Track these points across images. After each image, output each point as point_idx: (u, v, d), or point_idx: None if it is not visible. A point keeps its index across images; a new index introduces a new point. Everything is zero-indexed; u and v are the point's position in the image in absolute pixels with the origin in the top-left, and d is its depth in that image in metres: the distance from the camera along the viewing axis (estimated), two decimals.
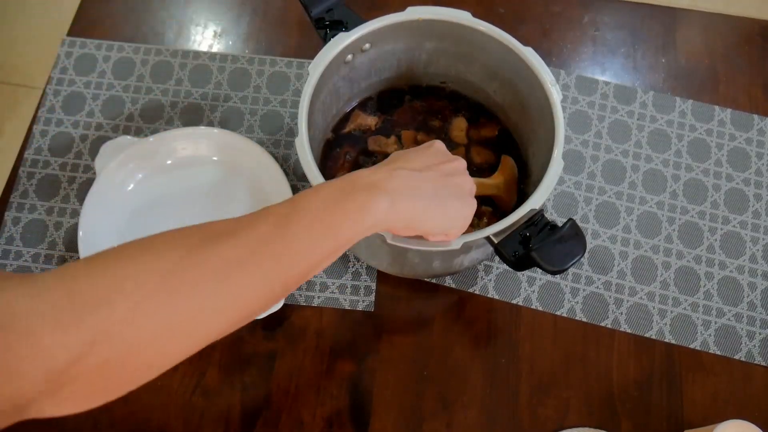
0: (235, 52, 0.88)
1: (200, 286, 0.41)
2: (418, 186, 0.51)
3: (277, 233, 0.44)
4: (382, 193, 0.48)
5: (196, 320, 0.42)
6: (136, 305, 0.38)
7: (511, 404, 0.71)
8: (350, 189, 0.48)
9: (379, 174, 0.50)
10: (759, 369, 0.73)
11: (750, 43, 0.91)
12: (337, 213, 0.46)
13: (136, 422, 0.68)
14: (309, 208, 0.46)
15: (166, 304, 0.40)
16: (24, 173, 0.79)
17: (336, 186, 0.48)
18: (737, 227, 0.80)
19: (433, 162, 0.54)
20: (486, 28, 0.67)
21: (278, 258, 0.44)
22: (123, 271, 0.39)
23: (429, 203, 0.51)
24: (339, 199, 0.47)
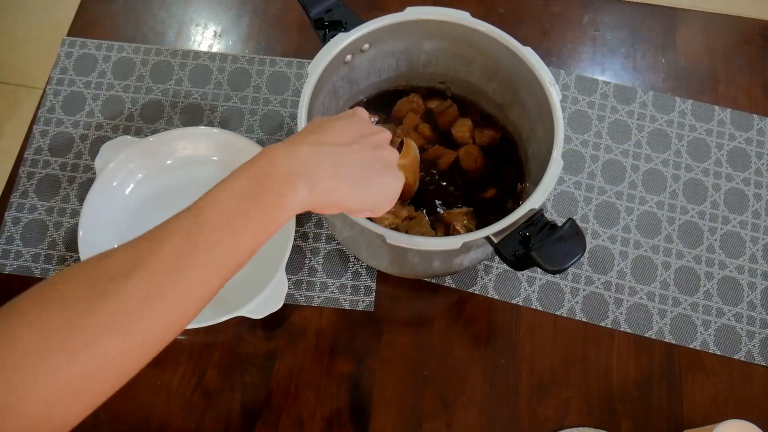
0: (235, 52, 0.88)
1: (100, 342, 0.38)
2: (344, 163, 0.47)
3: (182, 260, 0.40)
4: (300, 179, 0.44)
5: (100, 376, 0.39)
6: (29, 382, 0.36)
7: (511, 404, 0.71)
8: (264, 181, 0.43)
9: (299, 154, 0.45)
10: (759, 369, 0.73)
11: (750, 43, 0.91)
12: (249, 216, 0.43)
13: (136, 422, 0.68)
14: (216, 220, 0.42)
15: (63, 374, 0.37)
16: (24, 173, 0.79)
17: (249, 178, 0.44)
18: (737, 227, 0.80)
19: (359, 133, 0.51)
20: (485, 28, 0.67)
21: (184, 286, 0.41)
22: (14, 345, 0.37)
23: (355, 181, 0.47)
24: (251, 196, 0.43)
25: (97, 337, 0.38)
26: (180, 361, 0.71)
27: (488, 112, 0.77)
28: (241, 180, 0.44)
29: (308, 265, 0.75)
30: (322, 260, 0.76)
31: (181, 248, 0.41)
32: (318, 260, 0.76)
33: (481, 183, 0.74)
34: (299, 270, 0.75)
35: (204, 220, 0.42)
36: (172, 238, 0.41)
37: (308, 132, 0.50)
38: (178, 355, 0.71)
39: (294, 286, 0.74)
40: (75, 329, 0.38)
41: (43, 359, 0.37)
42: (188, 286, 0.41)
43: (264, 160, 0.45)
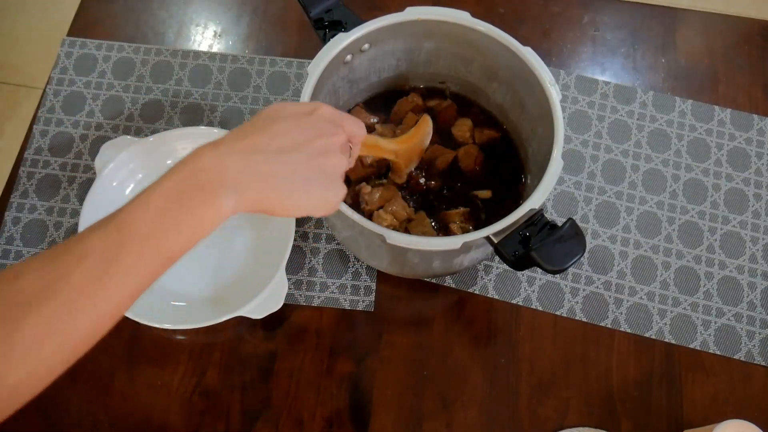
0: (235, 52, 0.88)
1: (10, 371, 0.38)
2: (273, 174, 0.45)
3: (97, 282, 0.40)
4: (224, 190, 0.43)
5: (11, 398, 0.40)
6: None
7: (511, 404, 0.71)
8: (186, 193, 0.42)
9: (228, 160, 0.44)
10: (759, 369, 0.73)
11: (750, 43, 0.91)
12: (170, 231, 0.41)
13: (136, 422, 0.68)
14: (137, 237, 0.41)
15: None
16: (24, 173, 0.79)
17: (170, 191, 0.42)
18: (737, 227, 0.80)
19: (305, 138, 0.48)
20: (485, 28, 0.67)
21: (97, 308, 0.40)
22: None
23: (285, 191, 0.46)
24: (173, 211, 0.42)
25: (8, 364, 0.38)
26: (180, 361, 0.71)
27: (488, 111, 0.77)
28: (162, 193, 0.42)
29: (308, 265, 0.75)
30: (322, 260, 0.76)
31: (95, 272, 0.40)
32: (318, 260, 0.76)
33: (480, 183, 0.74)
34: (299, 270, 0.75)
35: (121, 241, 0.41)
36: (87, 261, 0.40)
37: (248, 131, 0.48)
38: (178, 355, 0.71)
39: (294, 286, 0.74)
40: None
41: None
42: (97, 312, 0.40)
43: (189, 169, 0.43)
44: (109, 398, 0.69)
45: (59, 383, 0.41)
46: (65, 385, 0.69)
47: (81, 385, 0.69)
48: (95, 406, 0.69)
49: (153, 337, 0.71)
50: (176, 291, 0.72)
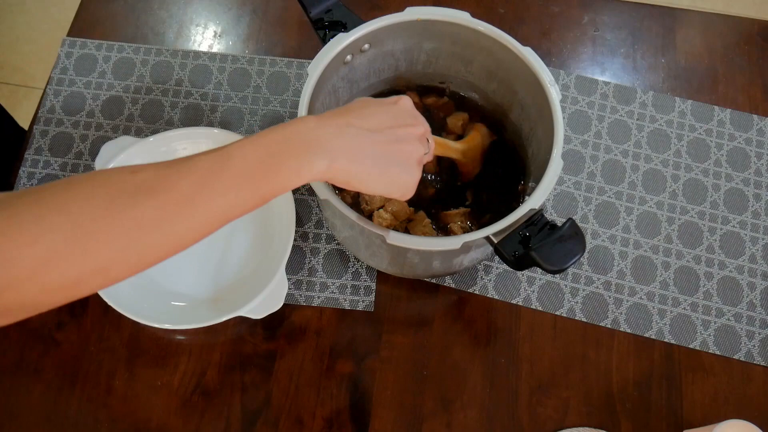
0: (235, 52, 0.88)
1: (109, 246, 0.42)
2: (362, 148, 0.50)
3: (200, 194, 0.44)
4: (320, 152, 0.47)
5: (102, 273, 0.43)
6: (43, 261, 0.40)
7: (511, 404, 0.71)
8: (288, 143, 0.47)
9: (326, 129, 0.49)
10: (759, 369, 0.73)
11: (750, 43, 0.91)
12: (269, 170, 0.46)
13: (136, 422, 0.68)
14: (240, 165, 0.45)
15: (72, 264, 0.41)
16: (24, 173, 0.79)
17: (276, 138, 0.47)
18: (737, 227, 0.80)
19: (390, 123, 0.53)
20: (485, 29, 0.67)
21: (195, 218, 0.44)
22: (37, 229, 0.40)
23: (369, 167, 0.50)
24: (275, 154, 0.46)
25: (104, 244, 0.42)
26: (180, 361, 0.71)
27: (488, 112, 0.77)
28: (269, 139, 0.47)
29: (308, 265, 0.75)
30: (322, 260, 0.76)
31: (200, 183, 0.44)
32: (318, 260, 0.76)
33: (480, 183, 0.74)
34: (299, 270, 0.75)
35: (228, 164, 0.45)
36: (196, 173, 0.45)
37: (344, 111, 0.52)
38: (178, 355, 0.71)
39: (294, 286, 0.74)
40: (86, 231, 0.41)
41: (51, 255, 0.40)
42: (196, 218, 0.45)
43: (294, 127, 0.48)
44: (110, 398, 0.69)
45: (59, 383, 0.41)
46: (66, 385, 0.69)
47: (81, 384, 0.69)
48: (95, 406, 0.69)
49: (153, 337, 0.71)
50: (176, 291, 0.72)
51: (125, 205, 0.43)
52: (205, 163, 0.45)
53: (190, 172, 0.45)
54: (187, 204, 0.44)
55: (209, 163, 0.45)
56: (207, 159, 0.46)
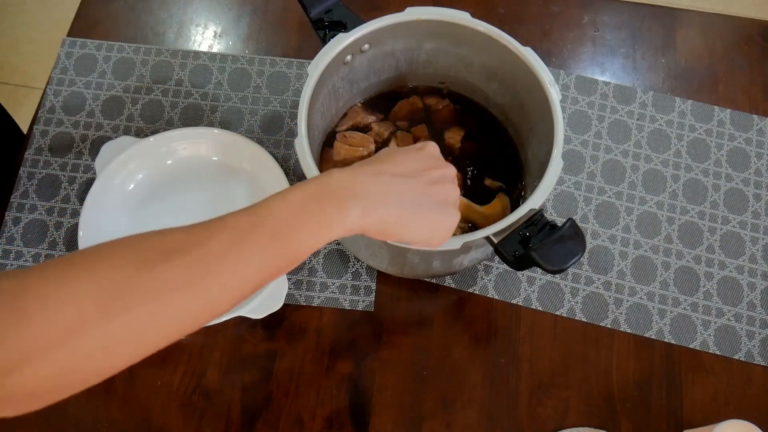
0: (235, 52, 0.88)
1: (141, 308, 0.40)
2: (398, 193, 0.49)
3: (231, 253, 0.42)
4: (354, 201, 0.46)
5: (132, 341, 0.41)
6: (72, 329, 0.38)
7: (511, 404, 0.71)
8: (320, 196, 0.46)
9: (358, 178, 0.48)
10: (759, 369, 0.73)
11: (750, 43, 0.91)
12: (301, 226, 0.44)
13: (136, 422, 0.68)
14: (271, 222, 0.44)
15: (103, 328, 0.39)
16: (24, 173, 0.79)
17: (306, 192, 0.46)
18: (737, 227, 0.80)
19: (421, 167, 0.52)
20: (485, 29, 0.67)
21: (227, 279, 0.43)
22: (67, 290, 0.39)
23: (407, 212, 0.49)
24: (307, 208, 0.45)
25: (134, 304, 0.40)
26: (180, 361, 0.71)
27: (488, 112, 0.77)
28: (299, 193, 0.46)
29: (308, 265, 0.75)
30: (322, 260, 0.76)
31: (231, 242, 0.43)
32: (318, 260, 0.76)
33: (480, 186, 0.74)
34: (299, 270, 0.75)
35: (258, 222, 0.44)
36: (224, 232, 0.43)
37: (372, 161, 0.52)
38: (178, 355, 0.71)
39: (294, 286, 0.74)
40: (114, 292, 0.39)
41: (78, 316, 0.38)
42: (229, 278, 0.43)
43: (324, 179, 0.47)
44: (109, 398, 0.69)
45: None
46: None
47: None
48: (95, 406, 0.69)
49: None
50: None
51: (155, 265, 0.41)
52: (235, 222, 0.44)
53: (220, 232, 0.43)
54: (217, 263, 0.42)
55: (239, 222, 0.44)
56: (237, 218, 0.44)
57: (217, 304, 0.43)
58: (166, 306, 0.41)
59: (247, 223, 0.44)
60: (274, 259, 0.44)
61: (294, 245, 0.44)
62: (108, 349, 0.40)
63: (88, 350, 0.39)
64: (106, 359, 0.40)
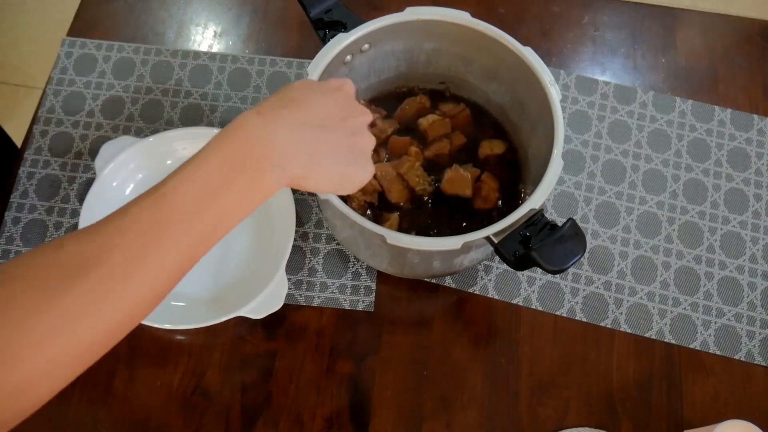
0: (235, 52, 0.88)
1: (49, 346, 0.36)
2: (319, 150, 0.46)
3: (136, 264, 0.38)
4: (272, 167, 0.42)
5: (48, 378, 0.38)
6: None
7: (511, 404, 0.71)
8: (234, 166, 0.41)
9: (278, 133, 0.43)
10: (759, 369, 0.73)
11: (750, 43, 0.91)
12: (215, 208, 0.40)
13: (136, 422, 0.68)
14: (180, 214, 0.39)
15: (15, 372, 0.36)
16: (24, 173, 0.79)
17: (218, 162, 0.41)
18: (737, 227, 0.80)
19: (341, 114, 0.49)
20: (485, 29, 0.67)
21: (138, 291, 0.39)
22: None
23: (326, 168, 0.46)
24: (221, 186, 0.41)
25: (44, 340, 0.36)
26: (180, 361, 0.71)
27: (488, 112, 0.77)
28: (210, 166, 0.41)
29: (308, 265, 0.75)
30: (322, 260, 0.76)
31: (143, 240, 0.38)
32: (318, 260, 0.76)
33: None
34: (299, 270, 0.75)
35: (165, 215, 0.39)
36: (135, 229, 0.39)
37: (287, 102, 0.47)
38: (178, 355, 0.71)
39: (294, 286, 0.74)
40: (21, 332, 0.36)
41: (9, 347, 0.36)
42: (138, 290, 0.39)
43: (236, 143, 0.42)
44: (109, 398, 0.69)
45: None
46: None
47: (81, 385, 0.69)
48: (95, 406, 0.69)
49: (153, 337, 0.71)
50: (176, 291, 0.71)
51: (53, 294, 0.36)
52: (137, 216, 0.39)
53: (122, 235, 0.38)
54: (122, 278, 0.38)
55: (142, 220, 0.39)
56: (139, 211, 0.39)
57: (135, 313, 0.40)
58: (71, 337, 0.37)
59: (157, 213, 0.39)
60: (190, 252, 0.41)
61: (210, 230, 0.41)
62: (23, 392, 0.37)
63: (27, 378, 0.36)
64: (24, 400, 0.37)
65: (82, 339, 0.38)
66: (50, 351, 0.37)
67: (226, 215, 0.42)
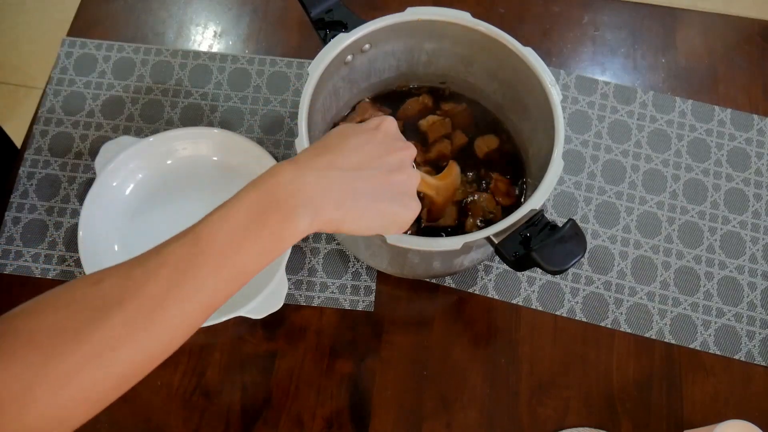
0: (235, 52, 0.88)
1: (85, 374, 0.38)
2: (352, 191, 0.45)
3: (172, 294, 0.39)
4: (303, 208, 0.42)
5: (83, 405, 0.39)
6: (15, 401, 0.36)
7: (511, 404, 0.71)
8: (264, 209, 0.42)
9: (307, 178, 0.43)
10: (759, 369, 0.73)
11: (750, 43, 0.91)
12: (249, 247, 0.41)
13: (136, 422, 0.68)
14: (214, 250, 0.40)
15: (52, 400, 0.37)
16: (24, 173, 0.79)
17: (249, 206, 0.42)
18: (737, 227, 0.80)
19: (377, 153, 0.48)
20: (486, 29, 0.67)
21: (173, 321, 0.40)
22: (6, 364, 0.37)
23: (361, 210, 0.45)
24: (252, 226, 0.41)
25: (79, 370, 0.38)
26: (180, 361, 0.71)
27: (489, 112, 0.77)
28: (242, 208, 0.42)
29: (308, 265, 0.75)
30: (322, 260, 0.76)
31: (171, 281, 0.40)
32: (318, 260, 0.76)
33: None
34: (299, 270, 0.75)
35: (199, 251, 0.41)
36: (164, 270, 0.40)
37: (321, 150, 0.47)
38: (178, 355, 0.71)
39: (294, 286, 0.74)
40: (58, 361, 0.37)
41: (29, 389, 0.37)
42: (174, 321, 0.40)
43: (268, 185, 0.43)
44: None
45: None
46: None
47: None
48: None
49: None
50: None
51: (93, 324, 0.38)
52: (174, 255, 0.40)
53: (158, 270, 0.40)
54: (160, 308, 0.39)
55: (178, 255, 0.40)
56: (176, 249, 0.40)
57: (169, 344, 0.41)
58: (110, 365, 0.39)
59: (188, 254, 0.40)
60: (223, 287, 0.41)
61: (241, 268, 0.41)
62: (60, 418, 0.38)
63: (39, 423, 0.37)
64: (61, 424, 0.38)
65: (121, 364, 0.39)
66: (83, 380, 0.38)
67: (255, 259, 0.42)
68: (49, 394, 0.37)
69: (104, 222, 0.73)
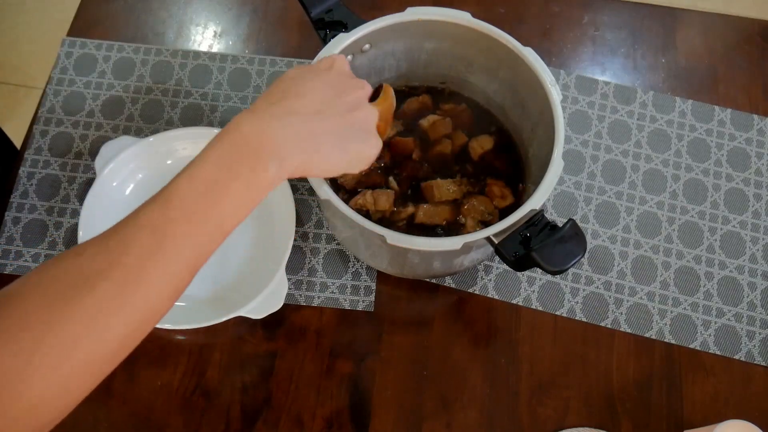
0: (235, 52, 0.88)
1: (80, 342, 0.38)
2: (315, 134, 0.45)
3: (154, 258, 0.40)
4: (269, 157, 0.43)
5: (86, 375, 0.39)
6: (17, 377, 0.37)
7: (511, 404, 0.71)
8: (230, 162, 0.42)
9: (270, 127, 0.44)
10: (759, 369, 0.73)
11: (750, 43, 0.91)
12: (219, 201, 0.42)
13: (136, 422, 0.68)
14: (186, 209, 0.41)
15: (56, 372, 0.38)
16: (24, 173, 0.79)
17: (214, 161, 0.43)
18: (737, 227, 0.80)
19: (333, 95, 0.48)
20: (486, 29, 0.67)
21: (159, 284, 0.41)
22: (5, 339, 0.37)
23: (326, 151, 0.46)
24: (219, 181, 0.42)
25: (75, 340, 0.38)
26: (180, 361, 0.71)
27: (489, 112, 0.77)
28: (208, 164, 0.43)
29: (308, 265, 0.75)
30: (322, 260, 0.76)
31: (150, 246, 0.40)
32: (318, 260, 0.76)
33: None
34: (299, 270, 0.75)
35: (172, 213, 0.41)
36: (141, 235, 0.41)
37: (279, 96, 0.47)
38: (178, 355, 0.71)
39: (294, 286, 0.74)
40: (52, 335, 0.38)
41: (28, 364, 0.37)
42: (158, 284, 0.41)
43: (230, 140, 0.44)
44: (109, 398, 0.69)
45: None
46: None
47: None
48: (95, 406, 0.69)
49: (153, 337, 0.71)
50: None
51: (79, 298, 0.38)
52: (149, 219, 0.41)
53: (136, 237, 0.40)
54: (144, 274, 0.40)
55: (153, 218, 0.41)
56: (150, 213, 0.41)
57: (159, 307, 0.42)
58: (106, 330, 0.39)
59: (162, 217, 0.41)
60: (201, 245, 0.42)
61: (218, 223, 0.43)
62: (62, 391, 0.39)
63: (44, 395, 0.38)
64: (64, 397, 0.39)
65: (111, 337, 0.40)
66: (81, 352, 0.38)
67: (230, 212, 0.43)
68: (50, 369, 0.37)
69: (104, 222, 0.72)
